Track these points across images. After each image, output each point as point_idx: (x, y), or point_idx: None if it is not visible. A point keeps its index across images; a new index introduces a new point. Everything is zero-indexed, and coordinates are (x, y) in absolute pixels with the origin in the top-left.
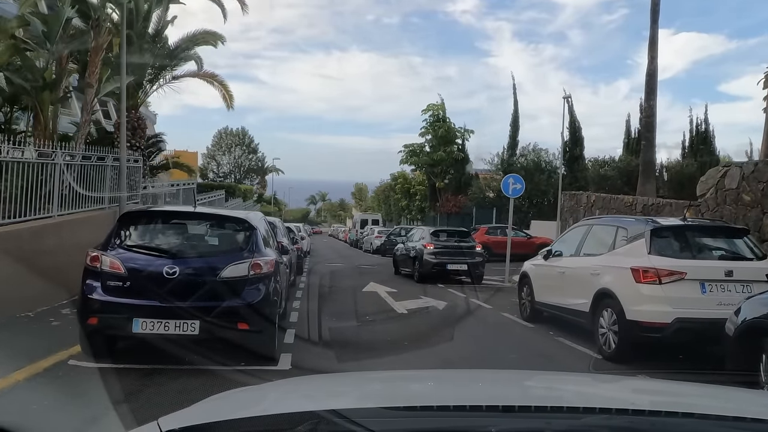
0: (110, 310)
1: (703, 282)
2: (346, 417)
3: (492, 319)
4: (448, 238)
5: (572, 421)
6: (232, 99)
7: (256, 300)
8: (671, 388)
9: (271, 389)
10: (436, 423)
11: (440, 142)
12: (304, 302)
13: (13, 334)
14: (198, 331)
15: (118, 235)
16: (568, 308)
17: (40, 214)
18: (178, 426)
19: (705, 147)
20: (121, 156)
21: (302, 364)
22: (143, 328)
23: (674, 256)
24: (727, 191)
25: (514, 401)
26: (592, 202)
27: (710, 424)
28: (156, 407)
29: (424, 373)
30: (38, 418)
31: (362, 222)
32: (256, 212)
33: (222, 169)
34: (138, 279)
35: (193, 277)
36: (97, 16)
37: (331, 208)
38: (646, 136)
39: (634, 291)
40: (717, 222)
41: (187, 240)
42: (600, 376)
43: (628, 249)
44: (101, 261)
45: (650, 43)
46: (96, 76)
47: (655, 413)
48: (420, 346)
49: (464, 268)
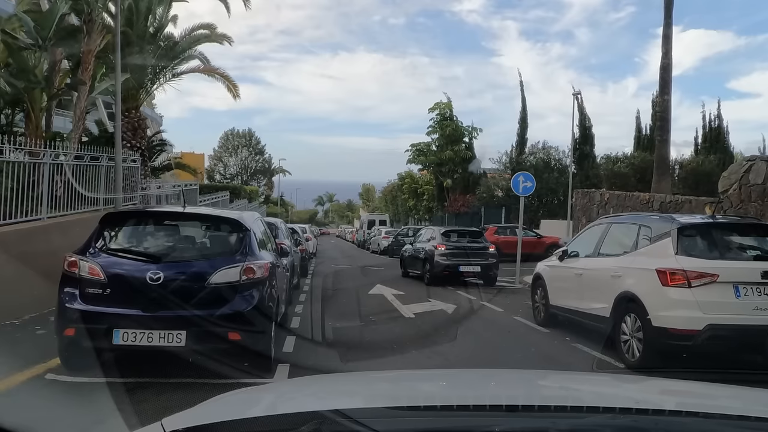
0: (88, 320)
1: (737, 285)
2: (350, 417)
3: (504, 323)
4: (460, 238)
5: (576, 420)
6: (237, 89)
7: (248, 307)
8: (675, 386)
9: (274, 389)
10: (440, 423)
11: (447, 141)
12: (306, 306)
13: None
14: (184, 342)
15: (99, 238)
16: (586, 312)
17: (29, 216)
18: (182, 426)
19: (719, 143)
20: (117, 156)
21: (301, 376)
22: (124, 339)
23: (704, 256)
24: (752, 187)
25: (517, 401)
26: (605, 199)
27: (715, 423)
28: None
29: (428, 373)
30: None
31: (369, 222)
32: (252, 212)
33: (229, 170)
34: (119, 286)
35: (180, 283)
36: (90, 11)
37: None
38: (660, 132)
39: (661, 295)
40: (748, 219)
41: (173, 243)
42: (603, 375)
43: (652, 249)
44: (79, 266)
45: (663, 37)
46: (89, 73)
47: (659, 412)
48: (427, 354)
49: (477, 269)
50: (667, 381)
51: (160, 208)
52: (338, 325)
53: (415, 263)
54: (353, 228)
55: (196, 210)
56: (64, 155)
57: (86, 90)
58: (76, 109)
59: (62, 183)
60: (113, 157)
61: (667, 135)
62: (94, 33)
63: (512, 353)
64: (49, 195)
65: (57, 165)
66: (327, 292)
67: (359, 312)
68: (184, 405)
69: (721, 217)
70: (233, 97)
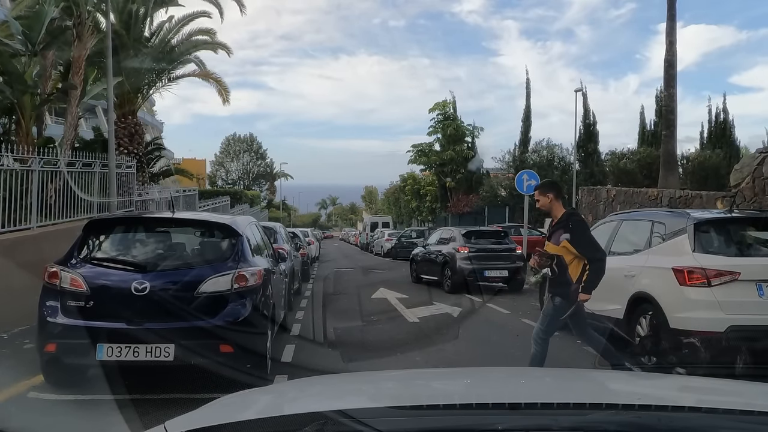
0: (70, 334)
1: (761, 283)
2: (353, 417)
3: (512, 326)
4: (483, 239)
5: (579, 417)
6: (228, 94)
7: (241, 318)
8: (678, 382)
9: (278, 391)
10: (443, 422)
11: (449, 141)
12: (308, 312)
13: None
14: (173, 356)
15: (83, 247)
16: (597, 314)
17: (18, 225)
18: (185, 429)
19: (724, 138)
20: (110, 162)
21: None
22: (109, 355)
23: (723, 253)
24: (766, 180)
25: (520, 398)
26: (612, 196)
27: (717, 418)
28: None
29: (431, 372)
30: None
31: (372, 225)
32: (246, 217)
33: (231, 175)
34: (103, 298)
35: (167, 293)
36: (79, 13)
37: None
38: (667, 126)
39: (678, 295)
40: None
41: (161, 250)
42: (606, 371)
43: (667, 247)
44: (60, 278)
45: (668, 29)
46: (80, 78)
47: (661, 408)
48: (433, 361)
49: (505, 274)
50: (670, 377)
51: (147, 214)
52: (340, 329)
53: (430, 268)
54: (356, 231)
55: (186, 215)
56: (54, 162)
57: (77, 95)
58: (68, 115)
59: (54, 191)
60: (106, 163)
61: (674, 129)
62: (85, 36)
63: (522, 359)
64: (39, 203)
65: (46, 172)
66: (330, 297)
67: (361, 316)
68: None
69: (738, 211)
70: (223, 101)
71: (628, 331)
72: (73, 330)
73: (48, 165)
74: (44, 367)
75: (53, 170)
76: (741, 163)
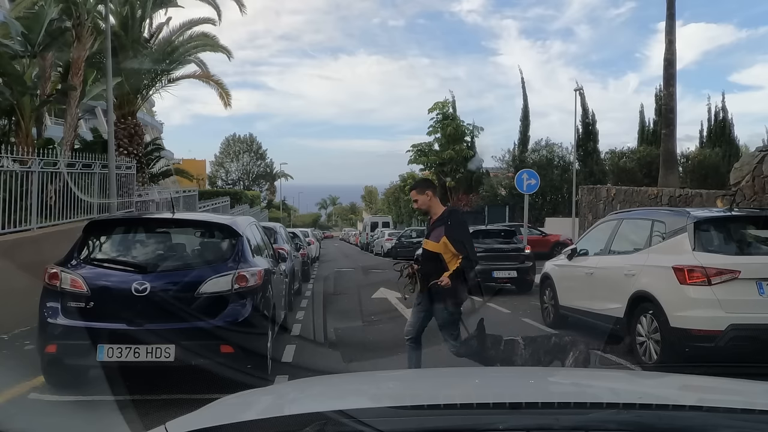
0: (71, 335)
1: (761, 281)
2: (354, 417)
3: (512, 325)
4: (490, 238)
5: (580, 416)
6: (230, 97)
7: (241, 318)
8: (679, 381)
9: (278, 391)
10: (444, 421)
11: (449, 140)
12: (308, 312)
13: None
14: (173, 357)
15: (83, 248)
16: (598, 313)
17: (17, 226)
18: (186, 430)
19: (724, 136)
20: (110, 162)
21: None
22: (109, 356)
23: (724, 252)
24: (766, 178)
25: (521, 398)
26: (612, 195)
27: (718, 416)
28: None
29: (431, 372)
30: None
31: (372, 225)
32: (246, 217)
33: (230, 176)
34: (103, 298)
35: (167, 293)
36: (78, 14)
37: (341, 212)
38: (667, 125)
39: (679, 294)
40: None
41: (161, 251)
42: (606, 371)
43: (667, 245)
44: (61, 279)
45: (667, 28)
46: (80, 78)
47: (662, 407)
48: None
49: (513, 274)
50: (671, 376)
51: (147, 214)
52: (340, 328)
53: None
54: (356, 231)
55: (186, 216)
56: (54, 163)
57: (77, 96)
58: (68, 116)
59: (54, 192)
60: (106, 164)
61: (674, 128)
62: (84, 37)
63: None
64: (39, 204)
65: (46, 173)
66: (330, 297)
67: (362, 316)
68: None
69: (739, 209)
70: (224, 105)
71: (628, 330)
72: (73, 331)
73: (48, 166)
74: (45, 368)
75: (53, 171)
76: (741, 162)
